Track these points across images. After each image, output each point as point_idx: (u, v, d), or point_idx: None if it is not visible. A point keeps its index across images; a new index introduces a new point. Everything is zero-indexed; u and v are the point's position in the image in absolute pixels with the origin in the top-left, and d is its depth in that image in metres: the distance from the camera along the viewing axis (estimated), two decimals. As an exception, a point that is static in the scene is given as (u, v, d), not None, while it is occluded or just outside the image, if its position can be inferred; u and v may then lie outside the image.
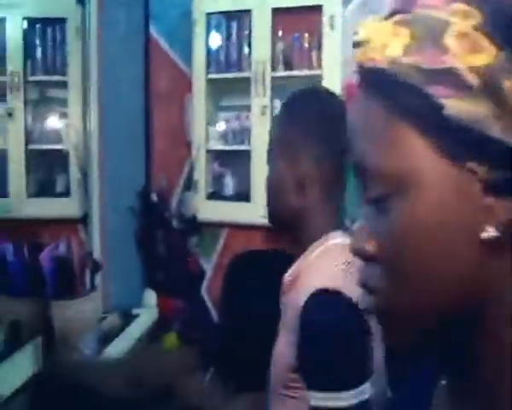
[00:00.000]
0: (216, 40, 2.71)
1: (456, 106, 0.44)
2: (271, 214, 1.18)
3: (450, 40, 0.44)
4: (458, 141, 0.45)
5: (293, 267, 1.13)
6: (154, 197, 2.78)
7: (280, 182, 1.13)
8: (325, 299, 1.01)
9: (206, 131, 2.69)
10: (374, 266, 0.50)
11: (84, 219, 2.18)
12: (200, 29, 2.65)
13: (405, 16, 0.46)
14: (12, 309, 1.73)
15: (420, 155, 0.46)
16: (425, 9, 0.46)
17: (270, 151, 1.18)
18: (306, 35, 2.60)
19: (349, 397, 0.98)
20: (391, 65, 0.46)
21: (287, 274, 1.14)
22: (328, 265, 1.06)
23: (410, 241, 0.47)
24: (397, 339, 0.52)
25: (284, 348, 1.07)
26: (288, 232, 1.19)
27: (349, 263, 1.02)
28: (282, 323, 1.12)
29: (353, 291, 0.95)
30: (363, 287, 0.51)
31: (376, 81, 0.48)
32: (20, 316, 1.71)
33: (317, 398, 0.99)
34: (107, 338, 1.93)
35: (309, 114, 1.14)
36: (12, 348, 1.67)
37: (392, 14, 0.47)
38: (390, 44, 0.46)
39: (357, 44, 0.49)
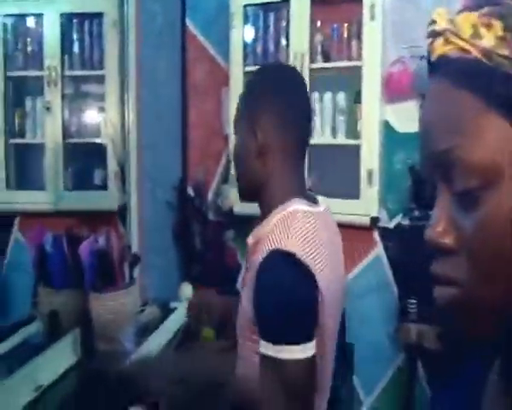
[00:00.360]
0: (253, 32, 2.68)
1: None
2: (239, 184, 1.27)
3: None
4: None
5: (255, 231, 1.20)
6: (191, 191, 2.78)
7: (243, 151, 1.22)
8: (278, 259, 1.09)
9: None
10: (453, 258, 0.49)
11: (122, 212, 2.18)
12: (237, 21, 2.62)
13: (496, 8, 0.47)
14: (51, 300, 1.75)
15: None
16: None
17: (235, 124, 1.26)
18: (345, 25, 2.55)
19: (293, 351, 1.06)
20: (484, 56, 0.46)
21: (249, 238, 1.21)
22: (285, 230, 1.11)
23: (500, 234, 0.46)
24: (477, 331, 0.50)
25: (246, 303, 1.16)
26: (255, 200, 1.25)
27: (306, 229, 1.12)
28: (245, 281, 1.21)
29: (307, 256, 1.08)
30: (439, 279, 0.51)
31: (466, 72, 0.47)
32: (58, 307, 1.73)
33: (266, 347, 1.08)
34: (145, 331, 1.92)
35: (269, 87, 1.21)
36: (51, 338, 1.68)
37: (479, 7, 0.47)
38: (483, 36, 0.46)
39: (435, 34, 0.49)
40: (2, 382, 1.40)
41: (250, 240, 1.21)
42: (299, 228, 1.12)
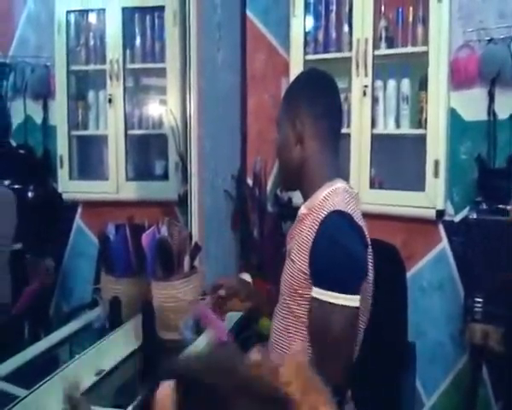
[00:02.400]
0: (314, 20, 2.63)
1: None
2: (282, 173, 1.53)
3: None
4: None
5: (306, 204, 1.44)
6: (250, 180, 2.78)
7: (285, 141, 1.47)
8: (339, 217, 1.33)
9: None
10: None
11: (182, 202, 2.20)
12: (297, 9, 2.58)
13: None
14: (113, 287, 1.79)
15: None
16: None
17: (278, 122, 1.51)
18: (410, 9, 2.45)
19: (346, 299, 1.28)
20: None
21: (301, 209, 1.46)
22: (338, 199, 1.38)
23: None
24: None
25: (292, 268, 1.39)
26: (297, 185, 1.51)
27: (351, 202, 1.38)
28: (289, 251, 1.44)
29: (357, 221, 1.36)
30: None
31: None
32: (120, 294, 1.77)
33: (318, 293, 1.31)
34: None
35: (304, 87, 1.51)
36: (113, 324, 1.71)
37: None
38: None
39: None
40: (64, 365, 1.44)
41: (303, 210, 1.45)
42: (347, 200, 1.38)
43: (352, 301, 1.29)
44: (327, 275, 1.32)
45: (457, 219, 2.50)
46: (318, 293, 1.31)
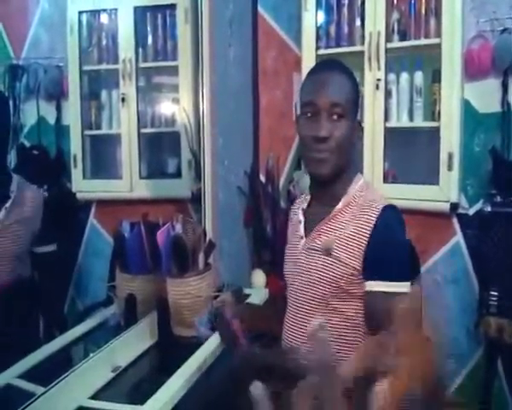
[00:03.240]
0: (326, 14, 2.61)
1: None
2: (333, 163, 1.46)
3: None
4: None
5: (342, 200, 1.48)
6: (262, 177, 2.78)
7: (350, 136, 1.47)
8: (394, 213, 1.43)
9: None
10: None
11: (195, 200, 2.21)
12: (309, 3, 2.57)
13: None
14: (128, 284, 1.80)
15: None
16: None
17: (343, 111, 1.46)
18: (423, 0, 2.43)
19: (406, 286, 1.34)
20: None
21: (338, 205, 1.48)
22: (376, 193, 1.51)
23: None
24: None
25: (338, 266, 1.41)
26: (338, 175, 1.50)
27: None
28: (326, 249, 1.45)
29: None
30: None
31: None
32: (135, 291, 1.78)
33: (384, 285, 1.35)
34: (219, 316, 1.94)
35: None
36: (128, 321, 1.73)
37: None
38: None
39: None
40: (81, 362, 1.46)
41: (339, 206, 1.48)
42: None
43: (409, 286, 1.36)
44: (391, 267, 1.37)
45: (471, 212, 2.48)
46: (384, 286, 1.35)
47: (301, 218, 1.59)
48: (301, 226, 1.57)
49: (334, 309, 1.43)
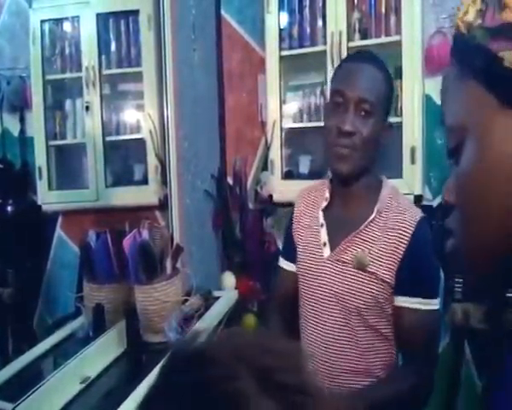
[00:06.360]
0: (288, 15, 2.64)
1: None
2: (358, 160, 1.37)
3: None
4: None
5: (376, 208, 1.39)
6: (230, 179, 2.80)
7: (377, 135, 1.37)
8: (425, 223, 1.38)
9: (280, 109, 2.63)
10: (454, 212, 0.60)
11: (163, 206, 2.22)
12: (271, 6, 2.60)
13: None
14: (96, 295, 1.81)
15: (485, 105, 0.52)
16: None
17: (371, 108, 1.36)
18: (383, 0, 2.47)
19: (435, 304, 1.36)
20: (466, 29, 0.54)
21: (372, 214, 1.38)
22: (405, 199, 1.47)
23: (475, 184, 0.55)
24: (476, 273, 0.61)
25: (374, 282, 1.36)
26: (363, 174, 1.41)
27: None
28: (358, 263, 1.37)
29: None
30: (449, 233, 0.61)
31: (456, 48, 0.56)
32: (103, 300, 1.79)
33: (419, 303, 1.34)
34: (189, 320, 1.96)
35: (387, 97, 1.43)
36: (97, 331, 1.74)
37: None
38: (469, 12, 0.54)
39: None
40: (50, 375, 1.47)
41: (372, 215, 1.38)
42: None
43: (438, 304, 1.38)
44: (424, 285, 1.36)
45: (435, 203, 2.54)
46: (417, 303, 1.34)
47: (322, 221, 1.47)
48: (323, 231, 1.46)
49: (362, 321, 1.38)
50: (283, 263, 1.64)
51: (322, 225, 1.47)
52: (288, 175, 2.67)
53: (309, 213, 1.54)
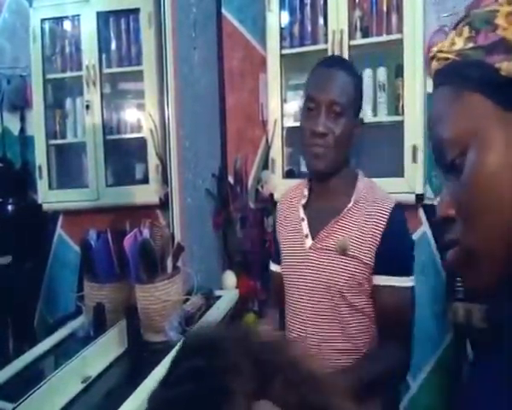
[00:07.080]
0: (289, 14, 2.64)
1: (508, 67, 0.53)
2: (333, 158, 1.49)
3: (500, 20, 0.54)
4: None
5: (353, 197, 1.51)
6: (231, 178, 2.80)
7: (350, 132, 1.49)
8: (401, 209, 1.52)
9: (281, 108, 2.63)
10: (457, 223, 0.60)
11: (163, 205, 2.22)
12: (272, 4, 2.59)
13: (465, 19, 0.59)
14: (96, 293, 1.81)
15: (485, 113, 0.55)
16: (480, 8, 0.57)
17: (343, 108, 1.47)
18: (384, -2, 2.47)
19: (411, 280, 1.48)
20: (456, 55, 0.58)
21: (350, 203, 1.50)
22: (381, 190, 1.56)
23: (482, 191, 0.55)
24: (479, 282, 0.60)
25: (354, 264, 1.46)
26: (337, 171, 1.52)
27: None
28: (341, 248, 1.48)
29: None
30: (452, 244, 0.61)
31: (445, 72, 0.59)
32: (104, 300, 1.79)
33: (395, 280, 1.46)
34: (190, 320, 1.96)
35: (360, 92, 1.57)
36: (97, 331, 1.74)
37: (456, 24, 0.60)
38: (456, 42, 0.58)
39: (431, 59, 0.62)
40: (50, 374, 1.46)
41: (350, 204, 1.50)
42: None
43: (413, 280, 1.50)
44: (403, 263, 1.49)
45: (437, 202, 2.52)
46: (394, 281, 1.46)
47: (303, 215, 1.58)
48: (304, 224, 1.57)
49: (346, 302, 1.49)
50: (272, 266, 1.78)
51: (303, 220, 1.58)
52: (288, 174, 2.67)
53: (290, 213, 1.66)
